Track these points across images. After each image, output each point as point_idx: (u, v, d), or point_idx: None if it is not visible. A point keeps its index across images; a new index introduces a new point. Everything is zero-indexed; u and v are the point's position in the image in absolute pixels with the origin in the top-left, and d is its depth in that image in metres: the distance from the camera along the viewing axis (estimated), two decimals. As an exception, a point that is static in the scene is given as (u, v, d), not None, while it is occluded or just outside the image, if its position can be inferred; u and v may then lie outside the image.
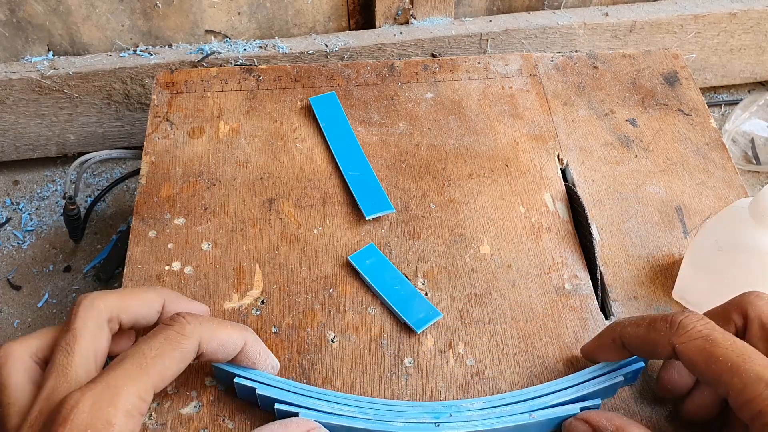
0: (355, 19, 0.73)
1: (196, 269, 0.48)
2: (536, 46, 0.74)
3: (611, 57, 0.63)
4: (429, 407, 0.38)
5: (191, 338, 0.34)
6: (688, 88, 0.61)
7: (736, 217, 0.41)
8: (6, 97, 0.67)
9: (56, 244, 0.70)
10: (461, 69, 0.62)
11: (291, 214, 0.51)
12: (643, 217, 0.52)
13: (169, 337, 0.34)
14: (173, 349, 0.34)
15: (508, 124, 0.58)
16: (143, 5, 0.66)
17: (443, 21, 0.72)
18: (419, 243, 0.50)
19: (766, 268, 0.40)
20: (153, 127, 0.57)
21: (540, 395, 0.39)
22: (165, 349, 0.33)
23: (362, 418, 0.36)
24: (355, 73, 0.61)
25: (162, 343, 0.34)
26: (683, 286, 0.46)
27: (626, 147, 0.57)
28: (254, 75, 0.60)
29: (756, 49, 0.79)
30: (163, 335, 0.34)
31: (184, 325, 0.35)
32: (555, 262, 0.49)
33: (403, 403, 0.38)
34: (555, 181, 0.54)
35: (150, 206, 0.52)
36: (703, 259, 0.44)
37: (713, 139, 0.57)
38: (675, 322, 0.35)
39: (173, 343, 0.34)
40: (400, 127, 0.57)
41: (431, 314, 0.46)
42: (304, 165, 0.55)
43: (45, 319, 0.64)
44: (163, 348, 0.33)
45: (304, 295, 0.47)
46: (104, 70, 0.67)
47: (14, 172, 0.76)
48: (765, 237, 0.39)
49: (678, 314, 0.35)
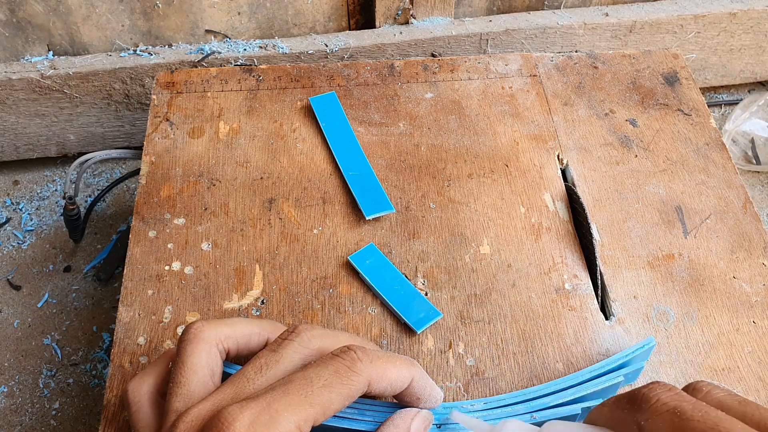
0: (355, 19, 0.73)
1: (196, 269, 0.48)
2: (536, 46, 0.74)
3: (611, 57, 0.63)
4: (429, 408, 0.38)
5: (361, 375, 0.32)
6: (688, 88, 0.61)
7: None
8: (6, 97, 0.67)
9: (56, 244, 0.70)
10: (461, 69, 0.62)
11: (291, 214, 0.51)
12: (643, 217, 0.52)
13: (340, 370, 0.32)
14: (342, 384, 0.31)
15: (508, 124, 0.58)
16: (143, 5, 0.66)
17: (443, 21, 0.72)
18: (419, 243, 0.50)
19: None
20: (153, 127, 0.57)
21: (540, 395, 0.38)
22: (334, 382, 0.31)
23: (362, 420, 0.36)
24: (355, 73, 0.61)
25: (331, 375, 0.31)
26: None
27: (626, 147, 0.57)
28: (254, 75, 0.60)
29: (756, 49, 0.79)
30: (333, 366, 0.32)
31: (355, 362, 0.32)
32: (555, 262, 0.49)
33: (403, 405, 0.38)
34: (555, 181, 0.54)
35: (150, 206, 0.52)
36: None
37: (713, 139, 0.57)
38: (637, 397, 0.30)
39: (343, 378, 0.32)
40: (400, 127, 0.57)
41: (431, 314, 0.46)
42: (304, 165, 0.55)
43: (45, 319, 0.64)
44: (331, 380, 0.31)
45: (304, 295, 0.47)
46: (104, 70, 0.67)
47: (14, 172, 0.76)
48: None
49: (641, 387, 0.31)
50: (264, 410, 0.29)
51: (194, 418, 0.31)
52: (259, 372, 0.32)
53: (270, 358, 0.33)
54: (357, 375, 0.32)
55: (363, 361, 0.32)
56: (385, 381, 0.33)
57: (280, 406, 0.29)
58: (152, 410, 0.36)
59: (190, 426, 0.30)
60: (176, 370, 0.34)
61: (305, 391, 0.30)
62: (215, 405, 0.31)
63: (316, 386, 0.31)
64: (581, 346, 0.45)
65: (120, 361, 0.44)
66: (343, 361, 0.32)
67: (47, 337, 0.63)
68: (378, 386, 0.33)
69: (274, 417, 0.29)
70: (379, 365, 0.33)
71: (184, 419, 0.31)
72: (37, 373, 0.61)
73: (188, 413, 0.31)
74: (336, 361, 0.32)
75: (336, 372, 0.31)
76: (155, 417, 0.35)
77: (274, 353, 0.33)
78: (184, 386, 0.33)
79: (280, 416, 0.29)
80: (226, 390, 0.32)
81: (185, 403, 0.33)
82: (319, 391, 0.31)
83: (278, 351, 0.33)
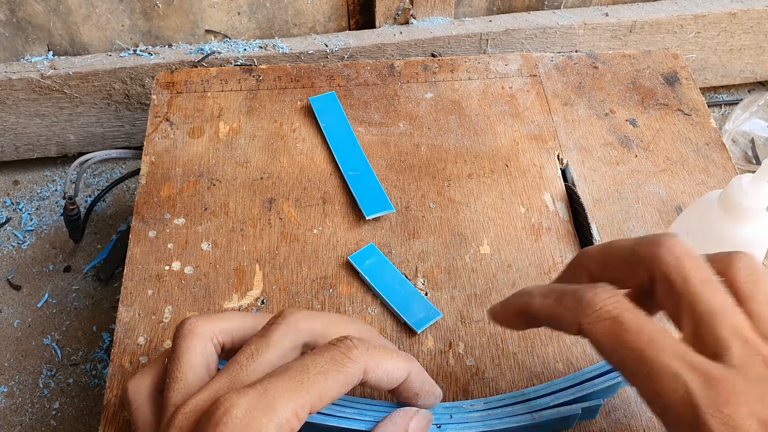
0: (355, 19, 0.73)
1: (196, 269, 0.48)
2: (536, 46, 0.74)
3: (611, 57, 0.63)
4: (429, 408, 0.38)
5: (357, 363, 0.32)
6: (688, 88, 0.61)
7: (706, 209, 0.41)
8: (6, 97, 0.67)
9: (56, 244, 0.70)
10: (461, 69, 0.62)
11: (291, 214, 0.51)
12: (643, 217, 0.52)
13: (335, 357, 0.32)
14: (338, 371, 0.32)
15: (508, 124, 0.58)
16: (143, 5, 0.66)
17: (443, 21, 0.72)
18: (419, 243, 0.50)
19: None
20: (153, 127, 0.57)
21: (541, 396, 0.38)
22: (330, 369, 0.31)
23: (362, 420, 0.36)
24: (355, 73, 0.61)
25: (327, 362, 0.32)
26: None
27: (626, 147, 0.57)
28: (254, 75, 0.60)
29: (756, 49, 0.79)
30: (329, 354, 0.32)
31: (351, 349, 0.33)
32: (555, 262, 0.49)
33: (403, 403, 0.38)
34: (555, 181, 0.54)
35: (150, 206, 0.52)
36: None
37: (713, 139, 0.57)
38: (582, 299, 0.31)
39: (339, 365, 0.32)
40: (400, 127, 0.57)
41: (431, 314, 0.46)
42: (304, 165, 0.55)
43: (45, 319, 0.64)
44: (327, 367, 0.31)
45: (304, 295, 0.47)
46: (104, 70, 0.67)
47: (14, 172, 0.76)
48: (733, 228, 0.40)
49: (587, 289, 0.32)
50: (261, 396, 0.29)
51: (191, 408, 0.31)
52: (251, 358, 0.33)
53: (260, 343, 0.33)
54: (353, 362, 0.32)
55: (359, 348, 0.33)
56: (381, 370, 0.33)
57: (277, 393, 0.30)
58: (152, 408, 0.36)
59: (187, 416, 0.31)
60: (172, 365, 0.34)
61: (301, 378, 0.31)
62: (212, 394, 0.31)
63: (312, 373, 0.31)
64: (581, 346, 0.45)
65: (120, 361, 0.44)
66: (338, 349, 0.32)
67: (47, 337, 0.63)
68: (374, 375, 0.33)
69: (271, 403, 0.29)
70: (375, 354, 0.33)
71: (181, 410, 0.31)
72: (37, 373, 0.61)
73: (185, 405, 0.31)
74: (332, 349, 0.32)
75: (332, 359, 0.32)
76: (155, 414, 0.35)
77: (263, 338, 0.34)
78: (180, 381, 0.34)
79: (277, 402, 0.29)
80: (221, 379, 0.32)
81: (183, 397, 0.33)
82: (315, 378, 0.31)
83: (267, 335, 0.34)
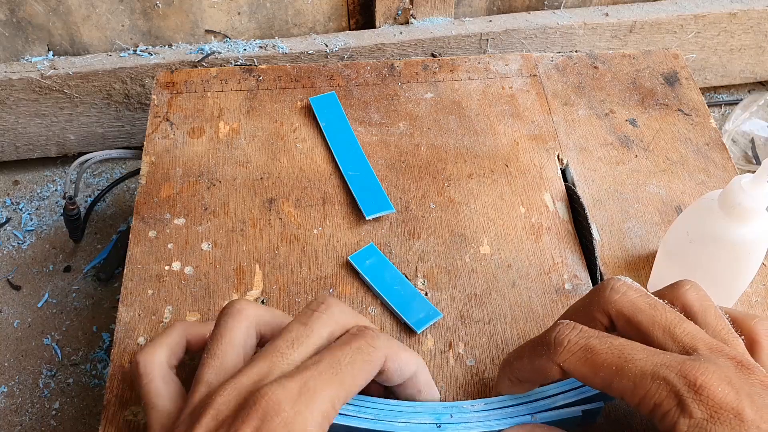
0: (355, 19, 0.73)
1: (196, 269, 0.48)
2: (536, 46, 0.74)
3: (611, 57, 0.63)
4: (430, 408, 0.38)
5: (380, 352, 0.33)
6: (688, 88, 0.61)
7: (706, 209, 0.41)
8: (6, 97, 0.67)
9: (56, 244, 0.70)
10: (461, 69, 0.62)
11: (291, 214, 0.51)
12: (643, 217, 0.52)
13: (362, 347, 0.33)
14: (364, 360, 0.33)
15: (508, 124, 0.58)
16: (143, 5, 0.66)
17: (443, 21, 0.72)
18: (419, 243, 0.50)
19: (734, 259, 0.41)
20: (153, 127, 0.57)
21: (541, 397, 0.38)
22: (357, 359, 0.32)
23: (363, 417, 0.36)
24: (355, 73, 0.61)
25: (355, 353, 0.33)
26: (657, 279, 0.46)
27: (626, 147, 0.57)
28: (254, 75, 0.60)
29: (756, 49, 0.79)
30: (356, 344, 0.33)
31: (375, 338, 0.34)
32: (555, 262, 0.49)
33: (404, 403, 0.38)
34: (555, 181, 0.54)
35: (150, 206, 0.52)
36: (675, 251, 0.44)
37: (713, 139, 0.57)
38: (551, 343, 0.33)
39: (365, 355, 0.33)
40: (400, 127, 0.57)
41: (431, 314, 0.46)
42: (304, 165, 0.55)
43: (45, 319, 0.64)
44: (355, 357, 0.32)
45: (304, 295, 0.47)
46: (104, 70, 0.67)
47: (14, 172, 0.76)
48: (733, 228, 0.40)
49: (550, 332, 0.34)
50: (303, 389, 0.31)
51: (233, 391, 0.31)
52: (292, 347, 0.33)
53: (301, 332, 0.34)
54: (376, 351, 0.33)
55: (381, 338, 0.34)
56: (398, 361, 0.35)
57: (317, 385, 0.31)
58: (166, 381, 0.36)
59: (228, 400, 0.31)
60: (214, 342, 0.35)
61: (335, 369, 0.32)
62: (252, 380, 0.32)
63: (343, 364, 0.32)
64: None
65: (120, 361, 0.44)
66: (364, 338, 0.33)
67: (47, 337, 0.63)
68: (392, 365, 0.34)
69: (312, 396, 0.30)
70: (393, 344, 0.35)
71: (221, 393, 0.31)
72: (37, 373, 0.61)
73: (225, 387, 0.32)
74: (357, 339, 0.33)
75: (359, 349, 0.33)
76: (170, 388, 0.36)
77: (305, 326, 0.34)
78: (218, 358, 0.34)
79: (317, 395, 0.31)
80: (261, 364, 0.32)
81: (217, 375, 0.33)
82: (346, 369, 0.32)
83: (309, 324, 0.34)
